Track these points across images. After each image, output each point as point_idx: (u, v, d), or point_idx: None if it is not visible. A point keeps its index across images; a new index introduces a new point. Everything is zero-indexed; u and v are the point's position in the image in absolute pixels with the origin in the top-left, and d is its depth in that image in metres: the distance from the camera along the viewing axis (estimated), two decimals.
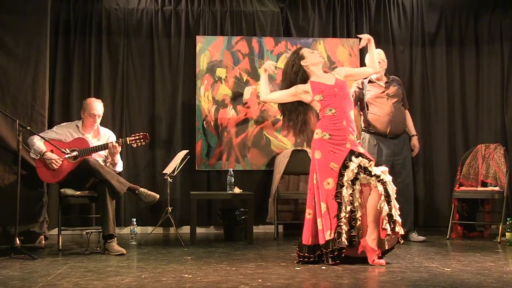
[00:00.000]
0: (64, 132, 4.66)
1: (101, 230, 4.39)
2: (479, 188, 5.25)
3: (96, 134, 4.77)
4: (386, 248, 3.79)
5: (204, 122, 5.90)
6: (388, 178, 3.73)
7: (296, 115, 4.00)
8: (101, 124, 4.88)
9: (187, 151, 5.24)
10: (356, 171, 3.70)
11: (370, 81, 5.05)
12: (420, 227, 5.77)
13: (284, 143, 5.95)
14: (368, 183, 3.74)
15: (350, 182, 3.70)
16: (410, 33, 6.29)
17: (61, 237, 4.58)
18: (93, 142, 4.66)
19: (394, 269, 3.52)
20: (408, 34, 6.29)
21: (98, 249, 4.39)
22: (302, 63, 3.96)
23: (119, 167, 4.75)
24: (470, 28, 6.31)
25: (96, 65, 5.82)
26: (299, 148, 5.80)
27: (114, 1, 5.91)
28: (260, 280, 3.16)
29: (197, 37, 5.96)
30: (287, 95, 3.98)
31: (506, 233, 4.76)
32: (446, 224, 5.32)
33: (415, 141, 5.18)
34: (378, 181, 3.68)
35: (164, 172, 5.09)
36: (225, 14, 6.06)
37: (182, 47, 5.96)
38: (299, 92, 3.95)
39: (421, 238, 4.91)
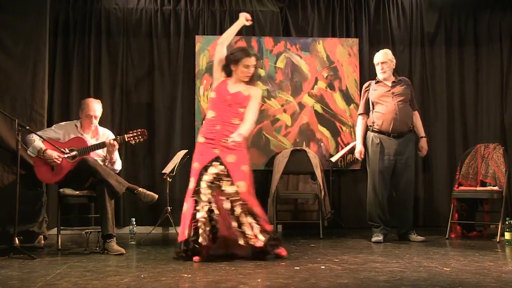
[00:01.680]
0: (63, 131, 4.65)
1: (100, 230, 4.38)
2: (478, 188, 5.24)
3: (94, 134, 4.77)
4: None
5: (204, 121, 5.88)
6: (237, 201, 3.84)
7: None
8: (101, 123, 4.87)
9: (186, 150, 5.23)
10: (213, 176, 3.85)
11: (377, 82, 5.04)
12: (420, 227, 5.77)
13: (283, 142, 5.95)
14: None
15: (209, 183, 3.84)
16: (410, 33, 6.30)
17: (60, 237, 4.57)
18: (92, 142, 4.65)
19: (394, 268, 3.52)
20: (407, 34, 6.30)
21: (97, 249, 4.39)
22: (232, 66, 4.07)
23: (118, 165, 4.74)
24: (470, 28, 6.31)
25: (96, 65, 5.82)
26: (298, 147, 5.81)
27: (113, 1, 5.91)
28: (259, 280, 3.16)
29: (197, 37, 5.96)
30: (219, 59, 4.12)
31: (505, 233, 4.75)
32: (445, 223, 5.31)
33: (423, 143, 5.14)
34: (227, 199, 3.85)
35: (163, 172, 5.09)
36: (224, 13, 6.06)
37: (182, 47, 5.97)
38: (218, 74, 4.11)
39: (421, 238, 4.91)
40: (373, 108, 5.00)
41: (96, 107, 4.70)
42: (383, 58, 5.00)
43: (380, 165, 4.91)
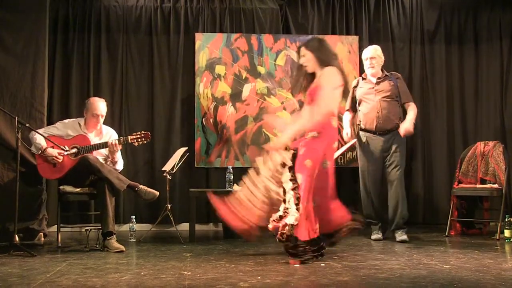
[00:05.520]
0: (66, 129, 4.65)
1: (100, 227, 4.39)
2: (478, 186, 5.25)
3: (98, 133, 4.76)
4: None
5: (203, 119, 5.90)
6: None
7: None
8: None
9: (186, 148, 5.24)
10: None
11: (363, 78, 5.02)
12: (419, 224, 5.78)
13: None
14: None
15: None
16: (410, 30, 6.29)
17: (60, 234, 4.58)
18: (95, 141, 4.65)
19: (393, 266, 3.53)
20: (407, 31, 6.29)
21: (97, 246, 4.39)
22: None
23: (120, 165, 4.74)
24: (469, 26, 6.31)
25: (95, 62, 5.82)
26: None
27: None
28: (259, 277, 3.16)
29: (196, 34, 5.96)
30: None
31: (505, 230, 4.77)
32: (445, 221, 5.32)
33: (405, 123, 4.78)
34: None
35: (163, 169, 5.09)
36: (224, 11, 6.05)
37: (181, 44, 5.96)
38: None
39: (403, 237, 4.71)
40: (359, 106, 4.99)
41: (101, 106, 4.71)
42: (372, 53, 4.95)
43: (368, 163, 4.90)
